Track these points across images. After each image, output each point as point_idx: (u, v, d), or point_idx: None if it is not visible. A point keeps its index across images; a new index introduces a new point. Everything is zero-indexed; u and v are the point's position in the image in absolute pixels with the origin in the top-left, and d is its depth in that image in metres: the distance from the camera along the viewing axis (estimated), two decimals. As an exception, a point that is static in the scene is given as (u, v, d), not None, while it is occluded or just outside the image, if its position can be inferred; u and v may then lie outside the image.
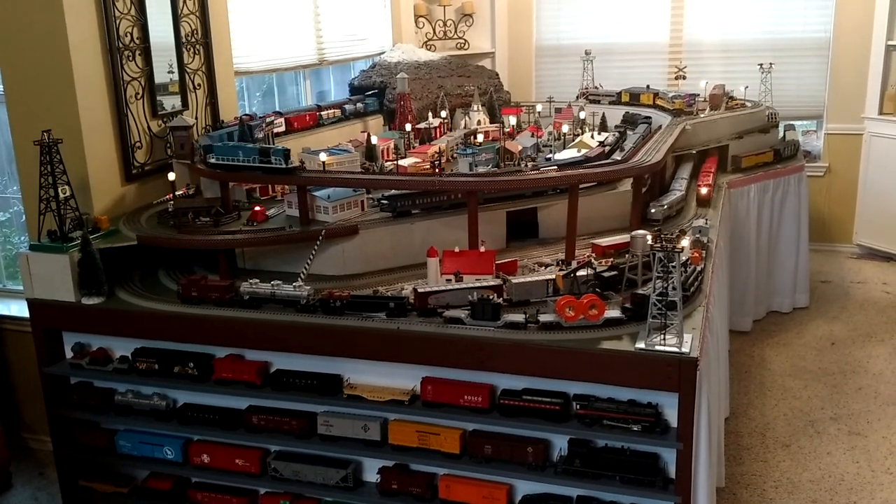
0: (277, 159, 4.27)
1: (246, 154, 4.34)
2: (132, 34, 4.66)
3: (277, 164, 4.26)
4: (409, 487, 3.80)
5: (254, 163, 4.31)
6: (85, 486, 4.39)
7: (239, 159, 4.35)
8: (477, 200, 4.26)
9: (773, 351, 6.33)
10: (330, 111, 6.31)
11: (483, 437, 3.66)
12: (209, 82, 5.37)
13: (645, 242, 3.83)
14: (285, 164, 4.25)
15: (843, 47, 8.23)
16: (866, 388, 5.70)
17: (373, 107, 6.81)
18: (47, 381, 4.28)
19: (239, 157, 4.35)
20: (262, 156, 4.31)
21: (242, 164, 4.35)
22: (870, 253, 8.35)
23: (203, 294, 3.98)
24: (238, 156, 4.35)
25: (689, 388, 3.29)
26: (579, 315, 3.49)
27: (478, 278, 3.91)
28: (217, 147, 4.44)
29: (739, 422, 5.33)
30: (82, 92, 4.34)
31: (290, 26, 6.64)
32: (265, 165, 4.29)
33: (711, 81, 7.04)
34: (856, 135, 8.28)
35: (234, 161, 4.37)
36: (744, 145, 6.61)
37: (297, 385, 3.85)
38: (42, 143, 4.02)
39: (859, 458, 4.88)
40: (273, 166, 4.27)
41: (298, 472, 3.94)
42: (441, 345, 3.58)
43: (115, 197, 4.61)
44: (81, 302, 4.08)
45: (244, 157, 4.34)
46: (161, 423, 4.13)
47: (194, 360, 4.00)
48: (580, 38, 8.74)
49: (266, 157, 4.29)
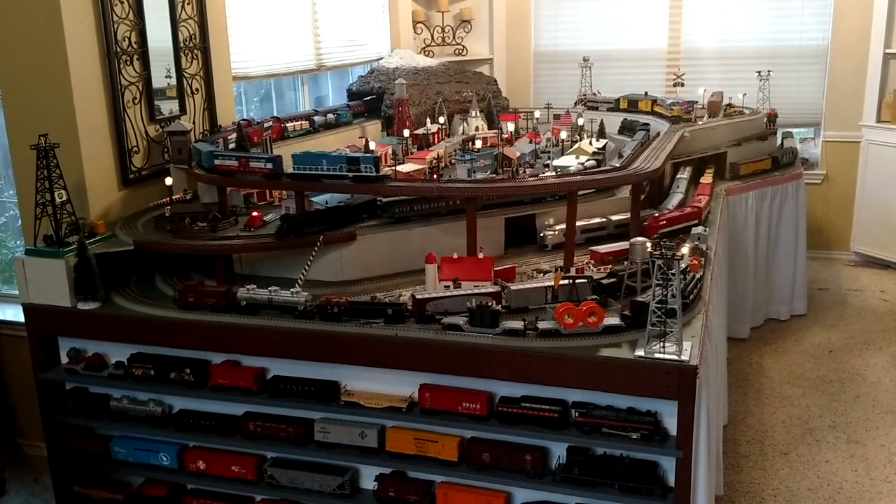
0: (368, 167, 4.19)
1: (331, 163, 4.24)
2: (130, 38, 4.65)
3: (368, 173, 4.19)
4: (407, 495, 3.78)
5: (340, 171, 4.22)
6: (80, 492, 4.36)
7: (322, 168, 4.24)
8: (475, 207, 4.24)
9: (771, 358, 6.32)
10: (297, 122, 5.95)
11: (481, 444, 3.64)
12: (207, 87, 5.36)
13: (644, 249, 3.83)
14: (376, 172, 4.19)
15: (840, 55, 8.24)
16: (864, 397, 5.68)
17: (345, 118, 6.44)
18: (42, 387, 4.25)
19: (322, 165, 4.24)
20: (350, 164, 4.21)
21: (326, 172, 4.24)
22: (867, 260, 8.35)
23: (200, 300, 3.96)
24: (321, 165, 4.24)
25: (689, 396, 3.27)
26: (578, 322, 3.47)
27: (476, 285, 3.89)
28: (298, 156, 4.33)
29: (738, 429, 5.31)
30: (79, 96, 4.32)
31: (288, 32, 6.63)
32: (354, 174, 4.20)
33: (709, 89, 7.03)
34: (853, 142, 8.29)
35: (316, 170, 4.25)
36: (742, 153, 6.61)
37: (294, 391, 3.83)
38: (39, 146, 4.00)
39: (858, 467, 4.87)
40: (362, 174, 4.19)
41: (295, 480, 3.91)
42: (439, 351, 3.57)
43: (112, 202, 4.59)
44: (77, 307, 4.06)
45: (329, 165, 4.23)
46: (157, 429, 4.10)
47: (190, 366, 3.97)
48: (578, 45, 8.74)
49: (355, 166, 4.20)
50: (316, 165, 4.25)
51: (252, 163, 4.33)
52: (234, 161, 4.36)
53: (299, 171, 4.29)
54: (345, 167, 4.21)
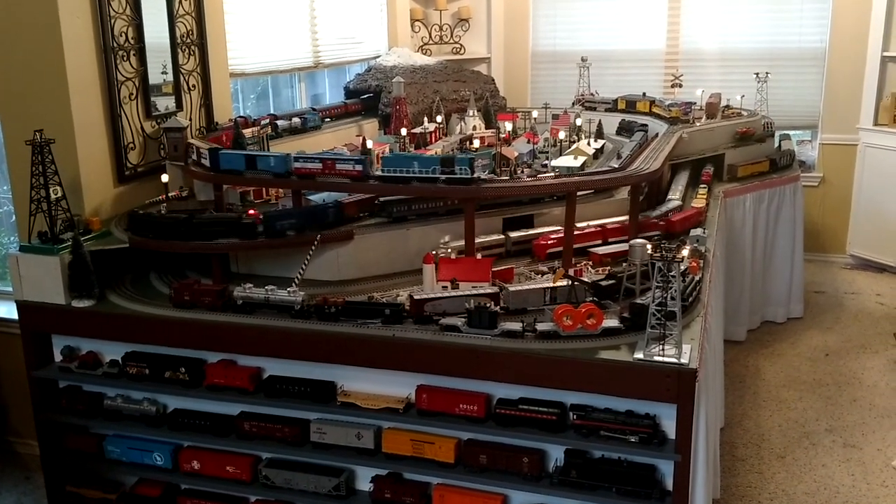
0: (463, 169, 4.09)
1: (423, 165, 4.13)
2: (127, 34, 4.61)
3: (463, 174, 4.09)
4: (403, 497, 3.75)
5: (433, 173, 4.12)
6: (72, 491, 4.32)
7: (413, 170, 4.14)
8: (474, 207, 4.22)
9: (768, 361, 6.31)
10: (254, 129, 5.49)
11: (478, 446, 3.62)
12: (204, 84, 5.32)
13: (644, 251, 3.81)
14: (471, 174, 4.08)
15: (838, 58, 8.24)
16: (861, 400, 5.68)
17: (313, 122, 6.09)
18: (35, 385, 4.21)
19: (414, 168, 4.14)
20: (444, 166, 4.10)
21: (418, 175, 4.14)
22: (863, 263, 8.36)
23: (195, 298, 3.93)
24: (413, 167, 4.14)
25: (688, 399, 3.25)
26: (577, 324, 3.45)
27: (474, 286, 3.87)
28: (387, 158, 4.24)
29: (734, 432, 5.30)
30: (75, 92, 4.28)
31: (285, 28, 6.60)
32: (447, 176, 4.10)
33: (708, 90, 7.03)
34: (850, 145, 8.30)
35: (406, 172, 4.15)
36: (740, 154, 6.60)
37: (290, 392, 3.80)
38: (34, 142, 3.97)
39: (854, 471, 4.86)
40: (455, 177, 4.08)
41: (290, 480, 3.88)
42: (437, 352, 3.54)
43: (108, 198, 4.55)
44: (71, 305, 4.02)
45: (421, 168, 4.13)
46: (151, 428, 4.07)
47: (186, 365, 3.94)
48: (576, 45, 8.73)
49: (449, 168, 4.10)
50: (407, 168, 4.15)
51: (339, 165, 4.20)
52: (318, 163, 4.21)
53: (389, 174, 4.17)
54: (438, 169, 4.12)
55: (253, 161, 4.32)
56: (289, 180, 4.33)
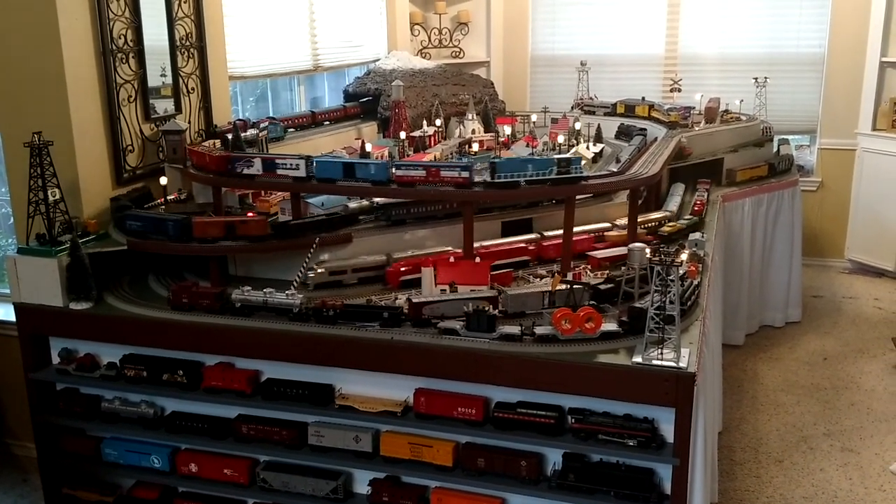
0: (577, 168, 4.19)
1: (538, 167, 4.15)
2: (126, 36, 4.61)
3: (577, 174, 4.20)
4: (401, 500, 3.75)
5: (549, 174, 4.15)
6: (69, 493, 4.31)
7: (527, 174, 4.14)
8: (472, 210, 4.22)
9: (766, 365, 6.31)
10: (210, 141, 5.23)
11: (476, 449, 3.61)
12: (203, 86, 5.32)
13: (642, 255, 3.80)
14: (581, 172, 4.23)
15: (837, 63, 8.25)
16: (859, 405, 5.68)
17: (275, 134, 5.67)
18: (33, 387, 4.20)
19: (528, 171, 4.14)
20: (560, 167, 4.15)
21: (529, 178, 4.15)
22: (861, 268, 8.36)
23: (194, 301, 3.93)
24: (527, 170, 4.15)
25: (687, 403, 3.25)
26: (576, 328, 3.45)
27: (473, 289, 3.87)
28: (502, 163, 4.20)
29: (732, 436, 5.30)
30: (74, 94, 4.28)
31: (285, 32, 6.60)
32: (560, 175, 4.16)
33: (706, 94, 7.04)
34: (849, 150, 8.31)
35: (522, 176, 4.14)
36: (739, 159, 6.61)
37: (288, 394, 3.79)
38: (32, 144, 3.96)
39: (852, 475, 4.86)
40: (561, 177, 4.16)
41: (288, 483, 3.88)
42: (435, 356, 3.54)
43: (106, 201, 4.54)
44: (69, 307, 4.01)
45: (535, 169, 4.14)
46: (148, 431, 4.06)
47: (183, 367, 3.94)
48: (575, 49, 8.75)
49: (565, 168, 4.15)
50: (522, 172, 4.14)
51: (443, 172, 4.12)
52: (422, 171, 4.12)
53: (501, 180, 4.14)
54: (554, 170, 4.16)
55: (351, 169, 4.22)
56: (388, 188, 4.21)
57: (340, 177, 4.22)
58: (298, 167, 4.25)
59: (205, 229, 4.07)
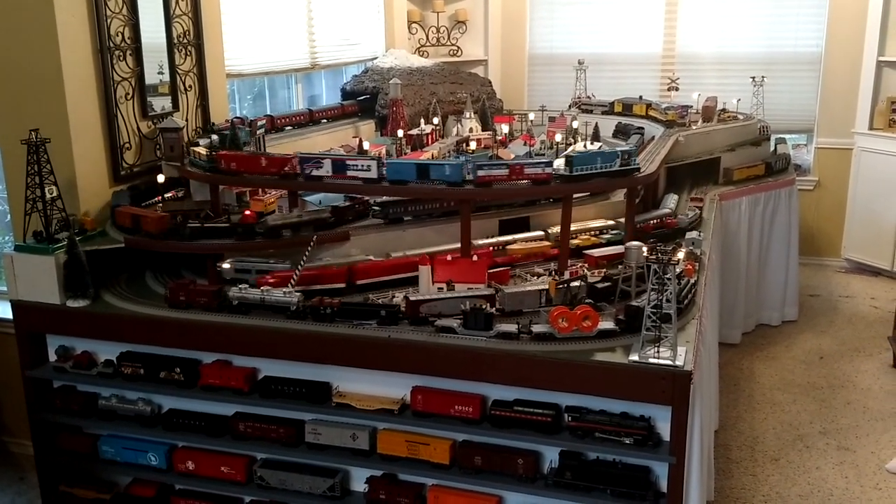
0: (633, 160, 4.31)
1: (605, 160, 4.24)
2: (123, 34, 4.60)
3: (633, 166, 4.31)
4: (397, 498, 3.75)
5: (616, 166, 4.25)
6: (66, 491, 4.31)
7: (597, 167, 4.22)
8: (470, 208, 4.22)
9: (762, 364, 6.32)
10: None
11: (473, 447, 3.62)
12: (200, 84, 5.32)
13: (640, 253, 3.81)
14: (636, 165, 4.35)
15: (834, 62, 8.26)
16: (855, 403, 5.69)
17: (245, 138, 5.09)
18: (30, 385, 4.20)
19: (598, 164, 4.22)
20: (622, 158, 4.25)
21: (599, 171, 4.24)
22: (858, 267, 8.38)
23: (191, 299, 3.93)
24: (597, 163, 4.22)
25: (683, 401, 3.26)
26: (573, 326, 3.45)
27: (470, 287, 3.87)
28: (577, 157, 4.25)
29: (728, 435, 5.31)
30: (71, 91, 4.28)
31: (282, 30, 6.60)
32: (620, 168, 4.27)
33: (704, 93, 7.04)
34: (846, 149, 8.32)
35: (593, 169, 4.23)
36: (736, 158, 6.61)
37: (286, 392, 3.80)
38: (29, 142, 3.96)
39: (848, 474, 4.87)
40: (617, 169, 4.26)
41: (285, 481, 3.88)
42: (432, 354, 3.54)
43: (103, 198, 4.54)
44: (66, 304, 4.01)
45: (603, 163, 4.22)
46: (145, 428, 4.06)
47: (181, 365, 3.94)
48: (573, 48, 8.75)
49: (626, 160, 4.26)
50: (592, 164, 4.22)
51: (527, 169, 4.15)
52: (505, 170, 4.13)
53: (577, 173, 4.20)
54: (618, 161, 4.25)
55: (425, 171, 4.16)
56: (464, 190, 4.15)
57: (414, 179, 4.16)
58: (370, 168, 4.20)
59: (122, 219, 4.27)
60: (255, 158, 4.38)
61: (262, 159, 4.36)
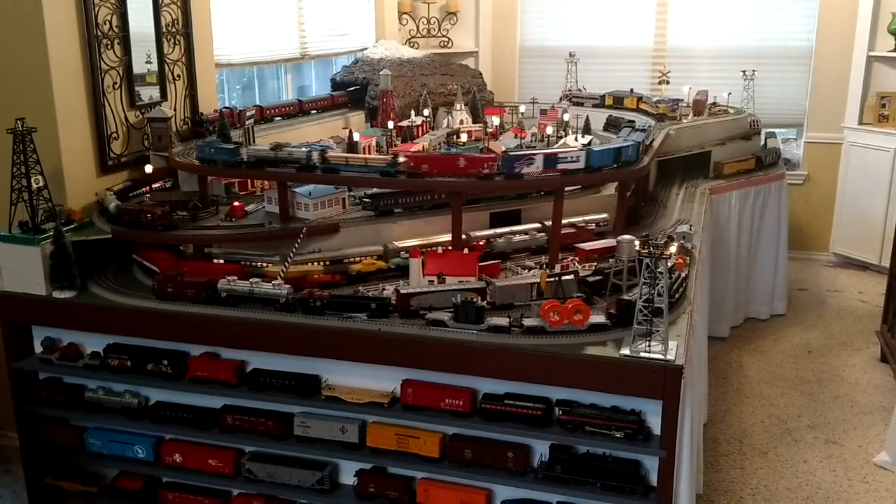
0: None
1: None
2: (111, 22, 4.55)
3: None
4: (387, 491, 3.74)
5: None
6: (52, 484, 4.28)
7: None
8: (461, 201, 4.20)
9: (751, 358, 6.34)
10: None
11: (463, 441, 3.61)
12: (189, 74, 5.27)
13: (631, 247, 3.80)
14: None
15: (824, 57, 8.27)
16: (843, 397, 5.71)
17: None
18: (15, 377, 4.16)
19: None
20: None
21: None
22: (846, 262, 8.41)
23: (179, 290, 3.89)
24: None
25: (674, 395, 3.25)
26: (564, 320, 3.44)
27: (461, 280, 3.85)
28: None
29: (717, 428, 5.32)
30: (58, 80, 4.23)
31: (272, 19, 6.55)
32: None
33: (695, 87, 7.04)
34: (835, 144, 8.33)
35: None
36: (726, 152, 6.61)
37: (274, 385, 3.77)
38: (15, 131, 3.91)
39: (836, 467, 4.89)
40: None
41: (273, 474, 3.86)
42: (423, 347, 3.52)
43: (90, 188, 4.50)
44: (52, 296, 3.97)
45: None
46: (132, 421, 4.04)
47: (168, 357, 3.91)
48: (564, 40, 8.71)
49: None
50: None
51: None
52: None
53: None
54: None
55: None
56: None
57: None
58: (578, 159, 4.19)
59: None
60: (453, 159, 4.09)
61: (460, 159, 4.07)
